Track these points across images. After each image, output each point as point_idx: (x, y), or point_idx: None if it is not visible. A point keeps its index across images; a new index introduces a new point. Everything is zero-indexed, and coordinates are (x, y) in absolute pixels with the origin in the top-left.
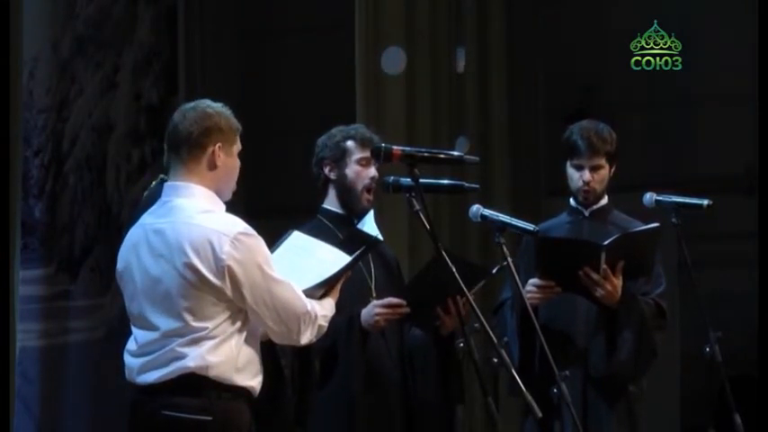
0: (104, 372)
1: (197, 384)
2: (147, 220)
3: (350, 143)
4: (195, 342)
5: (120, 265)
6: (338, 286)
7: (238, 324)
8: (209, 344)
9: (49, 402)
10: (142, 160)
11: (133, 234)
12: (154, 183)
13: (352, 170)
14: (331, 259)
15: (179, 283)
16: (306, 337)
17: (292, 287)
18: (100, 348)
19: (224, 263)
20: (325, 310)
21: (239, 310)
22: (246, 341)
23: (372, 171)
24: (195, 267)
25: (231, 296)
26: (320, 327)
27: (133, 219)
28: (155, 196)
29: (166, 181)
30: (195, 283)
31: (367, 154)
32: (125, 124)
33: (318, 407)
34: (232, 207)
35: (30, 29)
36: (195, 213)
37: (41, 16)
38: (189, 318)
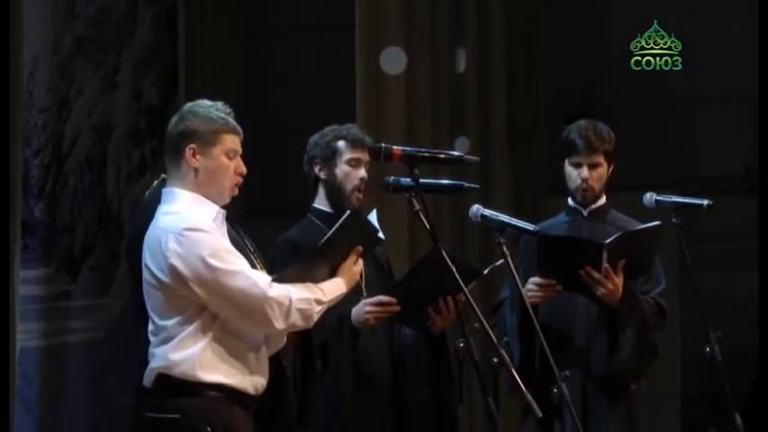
0: (104, 372)
1: (167, 384)
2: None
3: (341, 143)
4: (163, 341)
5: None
6: (346, 266)
7: (199, 322)
8: (171, 342)
9: (49, 402)
10: (142, 160)
11: None
12: (155, 182)
13: (341, 170)
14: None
15: (145, 285)
16: (280, 324)
17: (245, 275)
18: (100, 348)
19: (168, 259)
20: (309, 292)
21: (201, 308)
22: (218, 339)
23: (362, 172)
24: (149, 267)
25: (181, 292)
26: (301, 311)
27: (134, 219)
28: (155, 197)
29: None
30: (152, 283)
31: (357, 155)
32: (125, 124)
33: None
34: (232, 207)
35: (30, 29)
36: (160, 216)
37: (41, 16)
38: (155, 317)
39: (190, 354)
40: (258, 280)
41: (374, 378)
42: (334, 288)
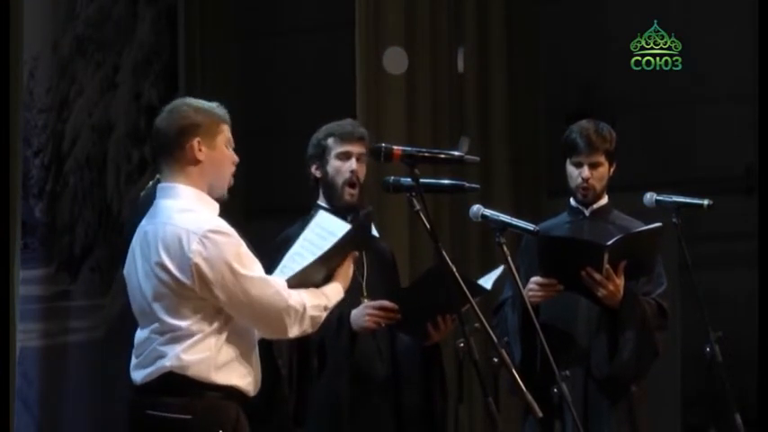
0: (105, 372)
1: (178, 383)
2: (143, 222)
3: (330, 140)
4: (173, 341)
5: (125, 267)
6: (343, 270)
7: (217, 324)
8: (185, 343)
9: (49, 402)
10: (142, 160)
11: (135, 236)
12: (150, 183)
13: (332, 167)
14: (329, 233)
15: (154, 283)
16: (294, 331)
17: (269, 283)
18: (100, 348)
19: (191, 261)
20: (318, 299)
21: (218, 310)
22: (230, 340)
23: (352, 164)
24: (165, 266)
25: (202, 295)
26: (312, 318)
27: (131, 219)
28: (151, 197)
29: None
30: (167, 282)
31: (346, 148)
32: (125, 124)
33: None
34: (231, 207)
35: (30, 29)
36: (173, 213)
37: (41, 16)
38: (165, 316)
39: (206, 356)
40: (280, 288)
41: (373, 379)
42: (335, 293)
